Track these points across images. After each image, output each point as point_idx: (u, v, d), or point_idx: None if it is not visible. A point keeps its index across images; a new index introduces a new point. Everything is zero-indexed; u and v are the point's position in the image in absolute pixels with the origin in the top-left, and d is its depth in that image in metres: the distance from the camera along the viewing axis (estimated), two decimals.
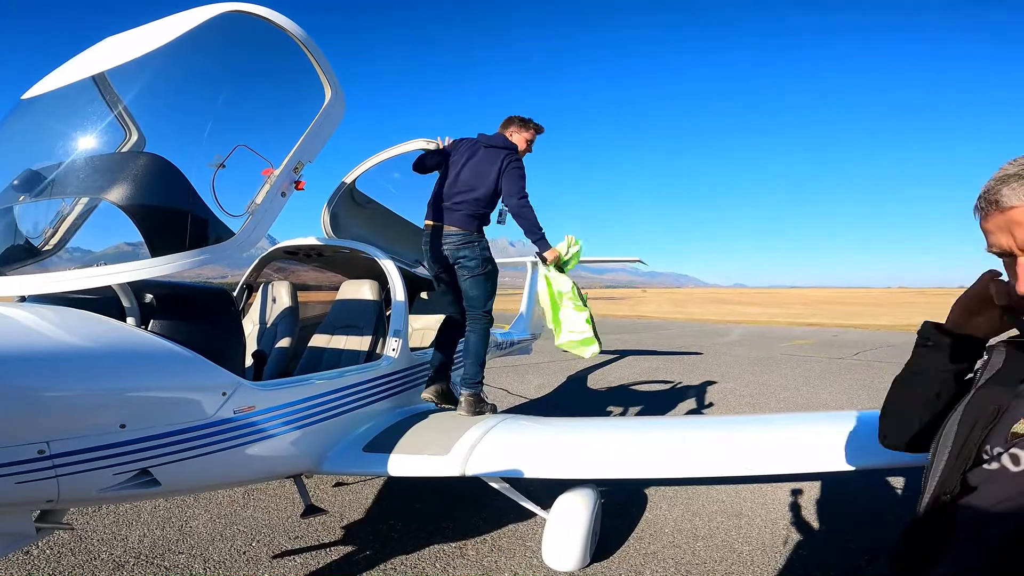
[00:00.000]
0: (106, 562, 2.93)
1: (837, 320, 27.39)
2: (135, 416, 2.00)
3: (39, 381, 1.80)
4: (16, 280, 2.20)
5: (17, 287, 2.19)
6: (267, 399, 2.52)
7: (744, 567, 3.07)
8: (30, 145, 2.54)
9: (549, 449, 3.06)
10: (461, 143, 3.84)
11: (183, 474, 2.19)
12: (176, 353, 2.14)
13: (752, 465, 2.72)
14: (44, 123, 2.55)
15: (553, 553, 2.90)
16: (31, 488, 1.78)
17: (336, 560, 3.08)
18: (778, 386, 9.11)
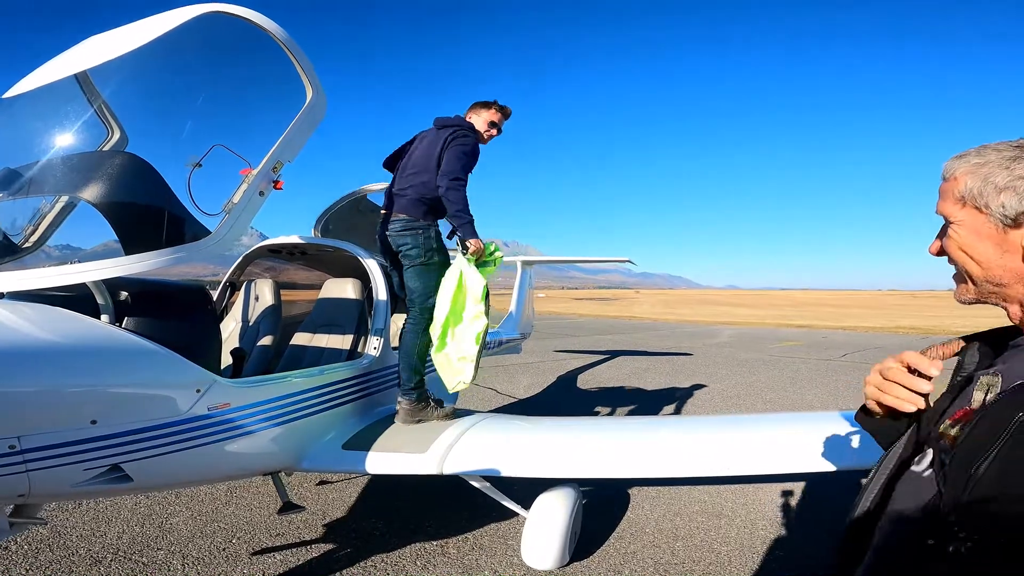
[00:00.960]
0: (84, 558, 2.92)
1: (827, 322, 27.58)
2: (106, 412, 2.01)
3: (10, 376, 1.80)
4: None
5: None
6: (243, 396, 2.52)
7: (722, 567, 3.10)
8: (9, 143, 2.53)
9: (527, 448, 3.08)
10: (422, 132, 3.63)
11: (155, 470, 2.18)
12: (148, 350, 2.14)
13: (731, 465, 2.76)
14: (24, 122, 2.55)
15: (532, 552, 2.92)
16: (2, 483, 1.78)
17: (316, 557, 3.09)
18: (765, 387, 9.17)
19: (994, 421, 0.80)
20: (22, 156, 2.37)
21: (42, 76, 2.44)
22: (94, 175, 2.28)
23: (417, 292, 3.38)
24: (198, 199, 2.31)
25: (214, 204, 2.36)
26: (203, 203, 2.33)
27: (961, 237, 0.94)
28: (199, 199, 2.32)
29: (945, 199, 0.96)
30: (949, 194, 0.95)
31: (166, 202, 2.28)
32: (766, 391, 8.82)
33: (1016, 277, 0.90)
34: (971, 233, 0.92)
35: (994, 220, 0.90)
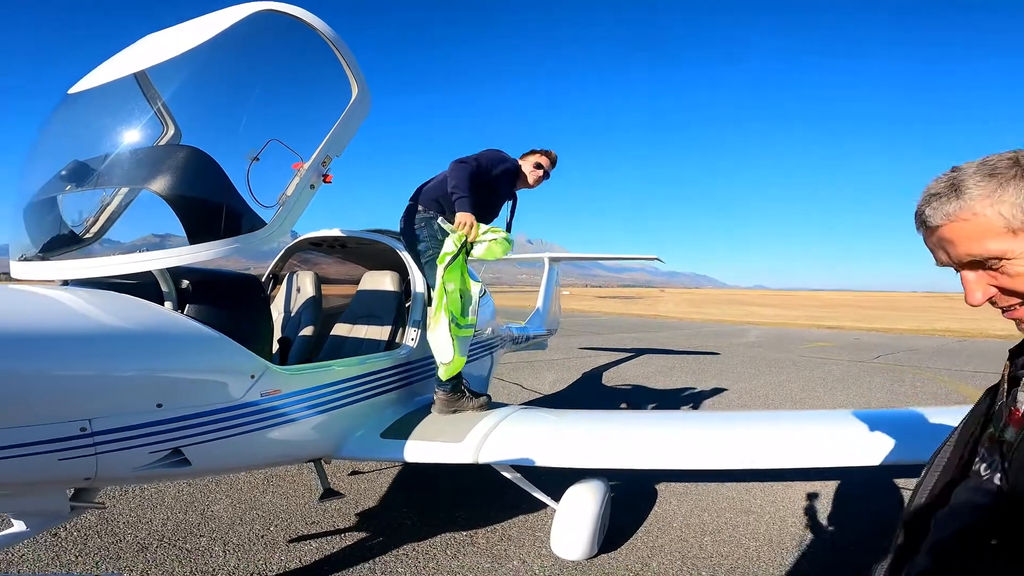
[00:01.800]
0: (131, 545, 3.05)
1: (859, 323, 26.90)
2: (171, 396, 2.11)
3: (83, 361, 1.91)
4: (61, 264, 2.34)
5: (62, 271, 2.32)
6: (292, 383, 2.63)
7: (750, 562, 3.10)
8: (75, 138, 2.67)
9: (560, 440, 3.13)
10: None
11: (212, 455, 2.29)
12: (210, 336, 2.25)
13: (760, 459, 2.76)
14: (89, 117, 2.68)
15: (561, 542, 2.97)
16: (71, 465, 1.88)
17: (350, 545, 3.18)
18: (795, 387, 9.03)
19: None
20: (87, 150, 2.50)
21: (104, 74, 2.58)
22: (162, 168, 2.39)
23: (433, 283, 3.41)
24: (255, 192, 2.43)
25: (269, 197, 2.47)
26: (259, 196, 2.45)
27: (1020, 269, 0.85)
28: (256, 192, 2.43)
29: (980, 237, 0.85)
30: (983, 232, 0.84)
31: (227, 194, 2.39)
32: (795, 392, 8.69)
33: None
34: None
35: None
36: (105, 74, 2.58)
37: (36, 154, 2.66)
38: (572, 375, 9.57)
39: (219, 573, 2.79)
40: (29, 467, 1.79)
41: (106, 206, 2.52)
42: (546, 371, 9.81)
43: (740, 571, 2.99)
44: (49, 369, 1.82)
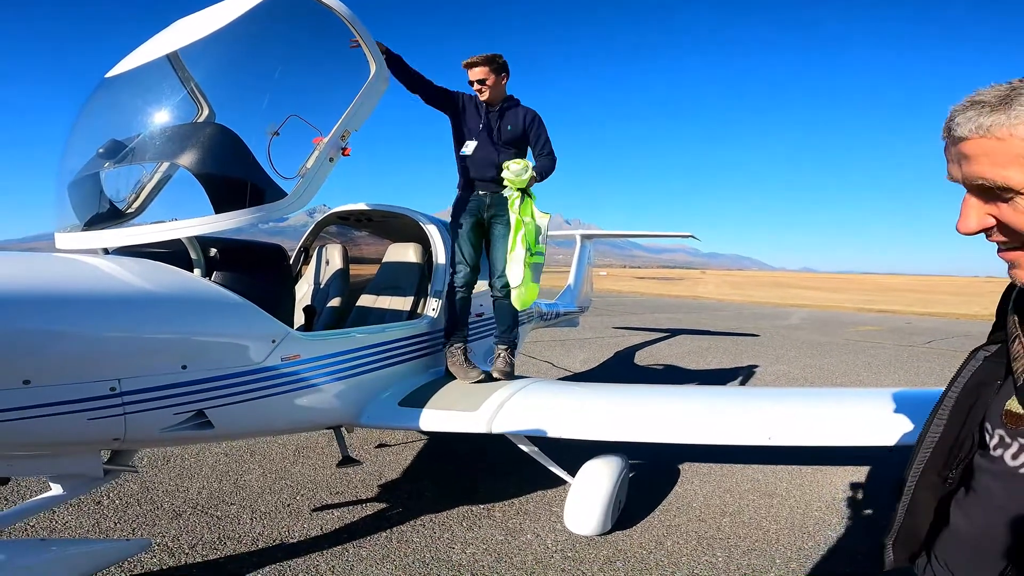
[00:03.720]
0: (167, 512, 3.22)
1: (912, 307, 25.67)
2: (195, 358, 2.21)
3: (114, 322, 2.01)
4: (100, 234, 2.49)
5: (101, 241, 2.47)
6: (312, 348, 2.71)
7: (769, 544, 3.05)
8: (114, 118, 2.82)
9: (576, 411, 3.13)
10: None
11: (233, 417, 2.39)
12: (233, 301, 2.36)
13: (778, 435, 2.70)
14: (125, 99, 2.83)
15: (574, 517, 2.98)
16: (101, 425, 1.99)
17: (371, 515, 3.28)
18: (837, 371, 8.74)
19: None
20: (124, 130, 2.65)
21: (139, 57, 2.71)
22: (188, 144, 2.53)
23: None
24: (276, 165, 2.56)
25: (290, 169, 2.59)
26: (281, 168, 2.58)
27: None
28: (277, 165, 2.56)
29: (1002, 162, 0.76)
30: (1011, 159, 0.75)
31: (250, 167, 2.51)
32: (837, 375, 8.41)
33: None
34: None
35: None
36: (140, 57, 2.71)
37: (76, 134, 2.81)
38: (604, 354, 9.52)
39: (245, 539, 2.92)
40: (61, 427, 1.89)
41: (145, 184, 2.68)
42: (578, 350, 9.79)
43: (756, 553, 2.95)
44: (81, 330, 1.92)
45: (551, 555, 2.87)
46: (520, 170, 3.37)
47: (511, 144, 3.62)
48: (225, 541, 2.89)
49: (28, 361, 1.80)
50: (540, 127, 3.66)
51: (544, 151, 3.65)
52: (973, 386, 0.97)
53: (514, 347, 3.79)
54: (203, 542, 2.86)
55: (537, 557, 2.85)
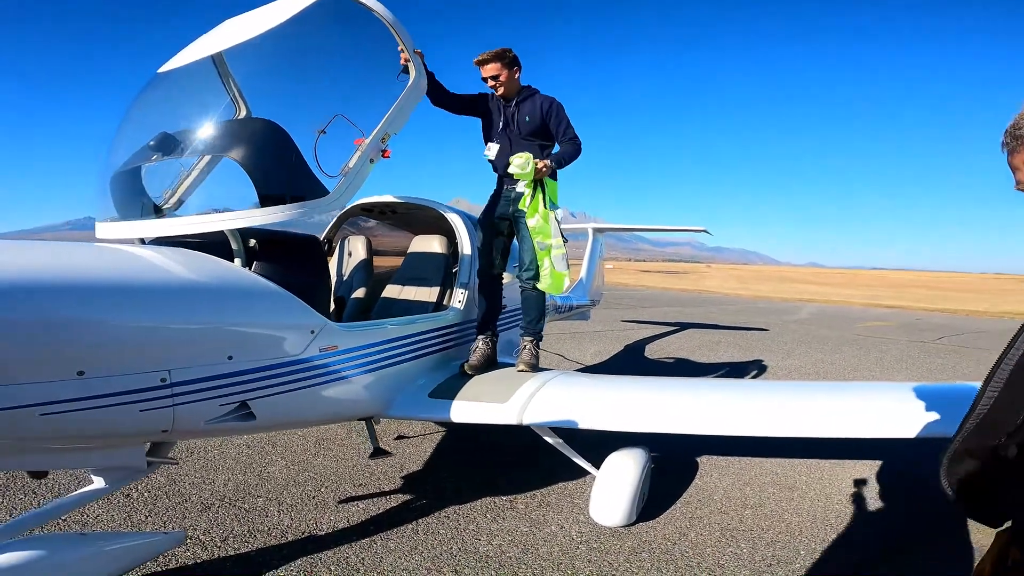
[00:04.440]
0: (195, 504, 3.25)
1: (922, 303, 25.55)
2: (240, 349, 2.24)
3: (165, 313, 2.04)
4: (143, 224, 2.53)
5: (145, 230, 2.51)
6: (348, 339, 2.75)
7: (792, 536, 3.07)
8: (162, 112, 2.93)
9: (604, 403, 3.16)
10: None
11: (275, 408, 2.42)
12: (276, 292, 2.38)
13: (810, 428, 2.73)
14: (173, 94, 2.95)
15: (600, 508, 3.01)
16: (151, 417, 2.01)
17: (395, 507, 3.31)
18: (847, 366, 8.74)
19: None
20: (172, 123, 2.74)
21: (189, 55, 2.80)
22: (239, 138, 2.63)
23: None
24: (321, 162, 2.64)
25: (333, 167, 2.67)
26: (324, 166, 2.65)
27: None
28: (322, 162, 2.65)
29: None
30: None
31: (295, 163, 2.56)
32: (848, 370, 8.41)
33: None
34: None
35: None
36: (189, 55, 2.80)
37: (125, 127, 2.90)
38: (614, 347, 9.54)
39: (274, 532, 2.96)
40: (113, 418, 1.92)
41: (188, 174, 2.76)
42: (588, 342, 9.81)
43: (780, 544, 2.97)
44: (134, 320, 1.95)
45: (577, 546, 2.90)
46: (523, 163, 3.35)
47: (533, 135, 3.61)
48: (255, 534, 2.92)
49: (82, 352, 1.82)
50: (559, 113, 3.62)
51: (566, 137, 3.62)
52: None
53: (539, 339, 3.79)
54: (234, 535, 2.90)
55: (563, 548, 2.87)
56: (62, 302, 1.78)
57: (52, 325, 1.76)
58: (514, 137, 3.62)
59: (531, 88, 3.70)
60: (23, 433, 1.79)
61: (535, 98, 3.64)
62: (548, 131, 3.64)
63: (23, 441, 1.84)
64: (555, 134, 3.65)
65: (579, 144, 3.64)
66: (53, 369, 1.77)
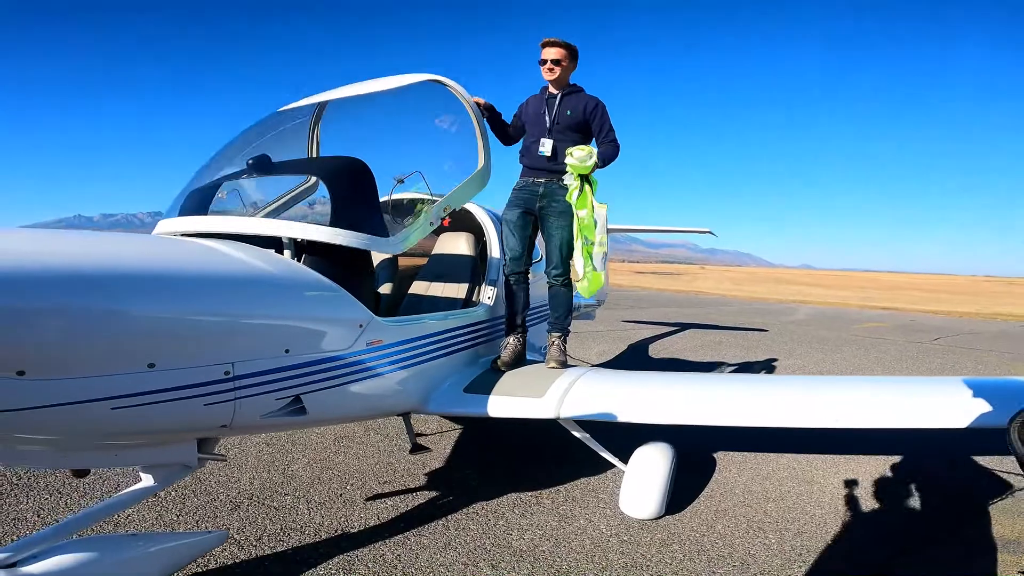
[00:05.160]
0: (224, 503, 3.25)
1: (915, 305, 25.79)
2: (296, 342, 2.27)
3: (230, 304, 2.06)
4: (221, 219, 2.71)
5: (220, 225, 2.66)
6: (392, 334, 2.80)
7: (816, 527, 3.12)
8: (274, 141, 3.32)
9: (637, 397, 3.21)
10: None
11: (326, 403, 2.46)
12: (328, 285, 2.43)
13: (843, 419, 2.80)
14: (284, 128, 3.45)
15: (630, 501, 3.05)
16: (214, 410, 2.02)
17: (422, 503, 3.33)
18: (850, 366, 8.84)
19: None
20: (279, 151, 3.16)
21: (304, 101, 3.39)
22: (335, 169, 3.04)
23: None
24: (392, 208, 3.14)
25: (400, 216, 3.12)
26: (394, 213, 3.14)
27: None
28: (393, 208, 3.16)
29: None
30: None
31: (372, 201, 2.80)
32: (852, 370, 8.51)
33: None
34: None
35: None
36: (304, 101, 3.39)
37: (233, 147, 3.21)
38: (618, 347, 9.59)
39: (307, 530, 2.96)
40: (179, 412, 1.92)
41: (288, 193, 3.15)
42: (592, 342, 9.86)
43: (807, 535, 3.02)
44: (201, 312, 1.97)
45: (607, 539, 2.93)
46: (584, 156, 3.37)
47: (572, 130, 3.63)
48: (289, 532, 2.93)
49: (153, 344, 1.83)
50: (603, 114, 3.64)
51: (608, 138, 3.65)
52: None
53: (567, 334, 3.81)
54: (267, 533, 2.90)
55: (594, 541, 2.91)
56: (134, 293, 1.79)
57: (124, 316, 1.76)
58: (555, 128, 3.64)
59: (577, 86, 3.73)
60: (93, 427, 1.79)
61: (580, 95, 3.68)
62: (588, 128, 3.67)
63: (91, 436, 1.84)
64: (596, 132, 3.68)
65: (618, 147, 3.67)
66: (125, 361, 1.77)
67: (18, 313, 1.55)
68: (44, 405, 1.63)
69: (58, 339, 1.64)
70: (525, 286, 3.76)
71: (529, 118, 3.75)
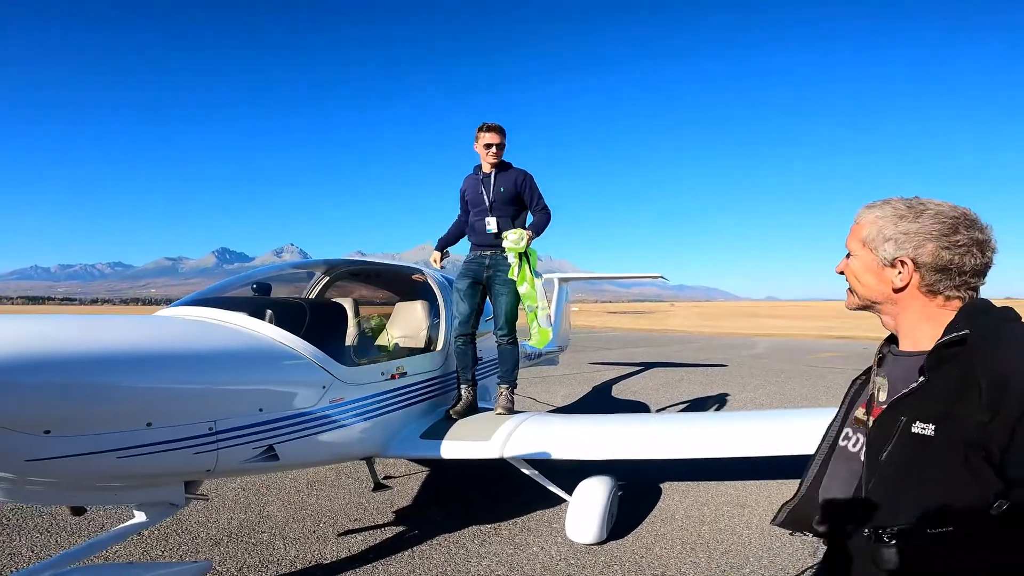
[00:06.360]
0: (205, 540, 3.50)
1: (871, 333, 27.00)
2: (268, 402, 2.68)
3: (214, 375, 2.48)
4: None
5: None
6: (352, 392, 3.20)
7: (743, 546, 3.52)
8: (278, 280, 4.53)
9: (573, 437, 3.65)
10: None
11: (295, 451, 2.84)
12: (295, 355, 2.86)
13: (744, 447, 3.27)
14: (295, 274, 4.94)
15: (575, 528, 3.42)
16: (200, 459, 2.41)
17: (391, 537, 3.63)
18: (798, 396, 9.40)
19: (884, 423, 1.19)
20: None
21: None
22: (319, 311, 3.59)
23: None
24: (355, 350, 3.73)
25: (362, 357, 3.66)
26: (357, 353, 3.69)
27: (856, 267, 1.33)
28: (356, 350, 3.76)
29: (852, 237, 1.33)
30: (855, 234, 1.32)
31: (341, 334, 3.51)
32: (798, 400, 9.06)
33: (885, 298, 1.29)
34: (862, 265, 1.31)
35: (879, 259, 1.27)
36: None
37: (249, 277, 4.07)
38: (583, 389, 10.00)
39: (283, 562, 3.24)
40: (172, 460, 2.31)
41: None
42: (557, 385, 10.25)
43: (732, 554, 3.42)
44: (190, 381, 2.39)
45: (556, 563, 3.28)
46: (517, 239, 3.83)
47: (508, 203, 4.08)
48: (267, 564, 3.20)
49: (150, 407, 2.24)
50: (533, 185, 4.11)
51: (539, 207, 4.12)
52: (850, 402, 1.44)
53: (514, 386, 4.22)
54: (247, 566, 3.18)
55: (545, 565, 3.25)
56: (135, 369, 2.22)
57: (128, 387, 2.20)
58: (494, 205, 4.09)
59: (506, 162, 4.18)
60: (103, 473, 2.16)
61: (510, 171, 4.13)
62: (522, 199, 4.14)
63: (99, 480, 2.19)
64: (529, 203, 4.14)
65: (549, 213, 4.16)
66: (129, 421, 2.18)
67: (48, 387, 1.97)
68: (65, 456, 2.02)
69: (77, 406, 2.06)
70: (473, 345, 4.14)
71: (471, 198, 4.20)
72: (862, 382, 1.46)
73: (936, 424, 1.10)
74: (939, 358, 1.14)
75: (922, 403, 1.13)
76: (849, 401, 1.47)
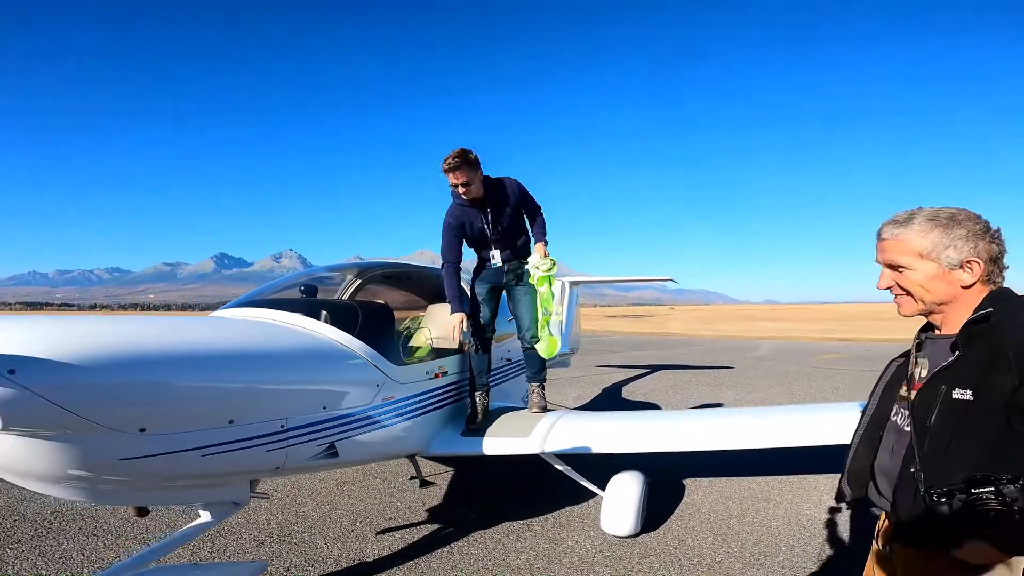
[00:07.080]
0: (249, 541, 3.57)
1: (872, 335, 27.12)
2: (330, 401, 2.80)
3: (286, 374, 2.61)
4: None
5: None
6: (401, 391, 3.33)
7: (772, 537, 3.61)
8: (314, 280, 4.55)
9: (610, 432, 3.78)
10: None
11: (352, 448, 2.96)
12: (353, 355, 2.99)
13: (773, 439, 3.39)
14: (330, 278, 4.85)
15: (610, 521, 3.52)
16: (272, 456, 2.51)
17: (427, 535, 3.71)
18: (807, 396, 9.50)
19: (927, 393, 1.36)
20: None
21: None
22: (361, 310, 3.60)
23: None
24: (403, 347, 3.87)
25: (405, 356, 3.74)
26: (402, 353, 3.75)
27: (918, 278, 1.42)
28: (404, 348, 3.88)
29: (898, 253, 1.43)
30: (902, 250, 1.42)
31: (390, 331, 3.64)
32: (808, 400, 9.15)
33: (951, 298, 1.41)
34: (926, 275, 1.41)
35: (942, 266, 1.38)
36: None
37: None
38: (593, 391, 10.09)
39: (328, 560, 3.31)
40: (249, 458, 2.41)
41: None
42: (568, 387, 10.34)
43: (764, 544, 3.51)
44: (267, 381, 2.52)
45: (593, 555, 3.36)
46: (548, 266, 3.85)
47: (515, 218, 4.04)
48: (313, 563, 3.28)
49: (232, 405, 2.35)
50: (526, 192, 4.01)
51: (536, 211, 4.11)
52: (891, 382, 1.58)
53: (544, 384, 4.30)
54: (295, 565, 3.25)
55: (582, 557, 3.34)
56: (219, 366, 2.33)
57: (213, 385, 2.31)
58: (504, 232, 3.99)
59: (491, 179, 3.90)
60: (185, 471, 2.26)
61: (502, 187, 3.91)
62: (520, 210, 4.06)
63: (181, 478, 2.30)
64: (527, 212, 4.09)
65: (542, 211, 4.14)
66: (214, 419, 2.28)
67: (143, 386, 2.08)
68: (156, 454, 2.12)
69: (169, 404, 2.17)
70: (490, 351, 4.18)
71: (474, 233, 3.99)
72: (900, 364, 1.59)
73: (973, 390, 1.25)
74: (969, 334, 1.31)
75: (958, 374, 1.30)
76: (887, 380, 1.60)
